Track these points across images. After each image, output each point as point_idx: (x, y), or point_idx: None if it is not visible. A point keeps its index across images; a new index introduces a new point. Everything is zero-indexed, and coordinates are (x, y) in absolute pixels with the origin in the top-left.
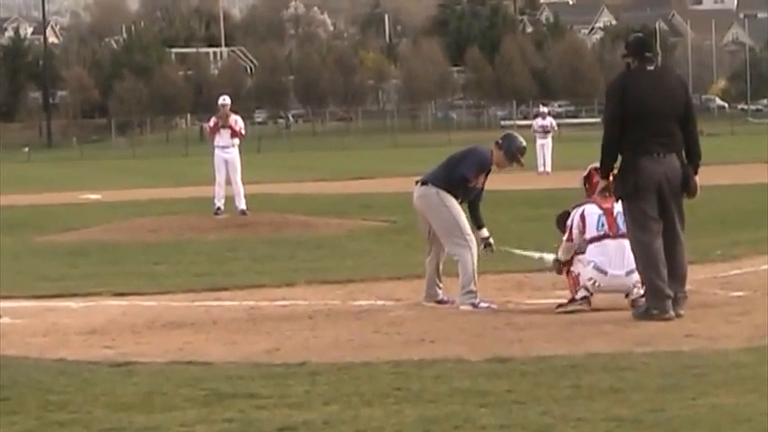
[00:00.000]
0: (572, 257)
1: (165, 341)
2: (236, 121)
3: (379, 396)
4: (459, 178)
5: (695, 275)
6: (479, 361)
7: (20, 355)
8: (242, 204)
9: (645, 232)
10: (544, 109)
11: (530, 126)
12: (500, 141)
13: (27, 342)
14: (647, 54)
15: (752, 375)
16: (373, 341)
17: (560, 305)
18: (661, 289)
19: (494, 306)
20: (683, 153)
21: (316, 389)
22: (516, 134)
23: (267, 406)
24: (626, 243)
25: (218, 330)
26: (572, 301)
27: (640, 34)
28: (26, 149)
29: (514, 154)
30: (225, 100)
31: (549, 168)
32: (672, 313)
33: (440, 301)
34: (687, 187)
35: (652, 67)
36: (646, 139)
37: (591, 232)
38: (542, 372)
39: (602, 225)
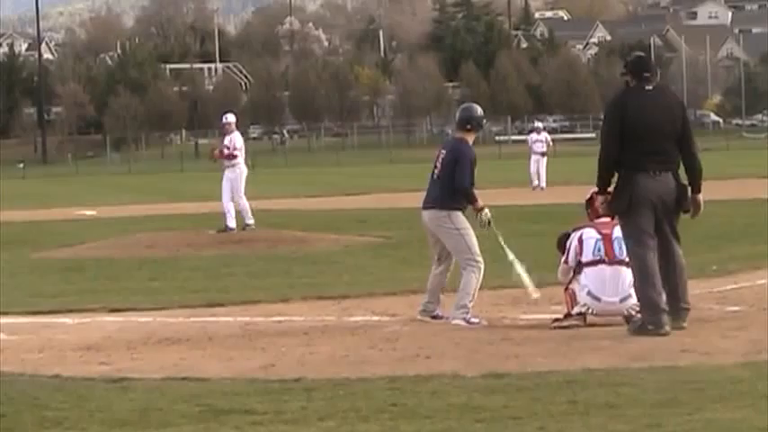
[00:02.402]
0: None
1: (160, 357)
2: (231, 140)
3: (375, 412)
4: (464, 190)
5: (691, 291)
6: (475, 376)
7: (15, 372)
8: (248, 219)
9: (640, 246)
10: (539, 124)
11: (525, 141)
12: (469, 127)
13: (23, 358)
14: (646, 74)
15: (748, 390)
16: (369, 357)
17: (556, 320)
18: (656, 303)
19: (484, 323)
20: (682, 171)
21: (311, 405)
22: (468, 106)
23: (263, 422)
24: (622, 269)
25: (214, 346)
26: (568, 316)
27: (641, 54)
28: (21, 165)
29: (482, 126)
30: (226, 119)
31: (543, 184)
32: (667, 328)
33: (434, 317)
34: (681, 206)
35: (650, 87)
36: (642, 157)
37: (587, 256)
38: (538, 387)
39: (599, 250)
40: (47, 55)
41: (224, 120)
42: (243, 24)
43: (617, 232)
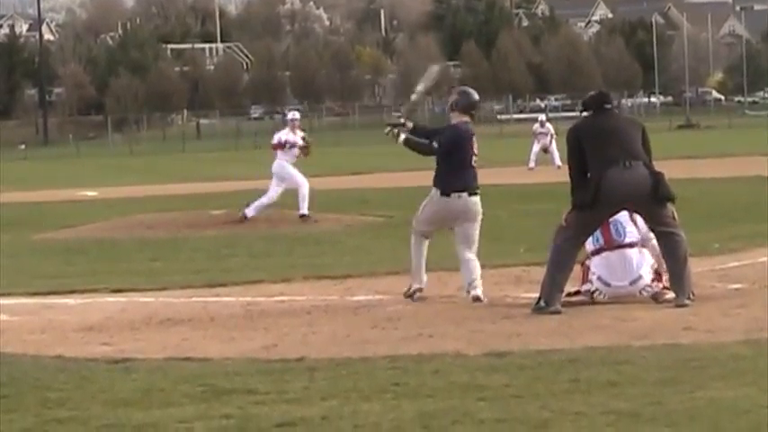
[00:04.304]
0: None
1: (162, 337)
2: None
3: (378, 391)
4: (449, 164)
5: (694, 269)
6: (477, 355)
7: (18, 353)
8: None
9: (568, 244)
10: (542, 117)
11: (526, 120)
12: (473, 112)
13: (25, 339)
14: (606, 105)
15: (750, 368)
16: (371, 336)
17: (567, 294)
18: (558, 283)
19: (486, 301)
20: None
21: (314, 384)
22: (471, 91)
23: (265, 402)
24: (626, 252)
25: (216, 326)
26: (577, 293)
27: (597, 91)
28: (23, 147)
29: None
30: (294, 114)
31: (558, 162)
32: (559, 307)
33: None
34: (657, 193)
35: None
36: (610, 152)
37: (589, 246)
38: (540, 366)
39: (598, 240)
40: (47, 36)
41: (293, 116)
42: (244, 4)
43: (619, 216)
